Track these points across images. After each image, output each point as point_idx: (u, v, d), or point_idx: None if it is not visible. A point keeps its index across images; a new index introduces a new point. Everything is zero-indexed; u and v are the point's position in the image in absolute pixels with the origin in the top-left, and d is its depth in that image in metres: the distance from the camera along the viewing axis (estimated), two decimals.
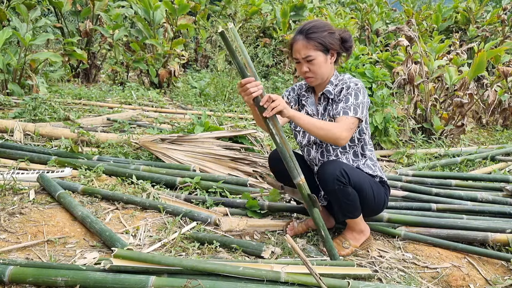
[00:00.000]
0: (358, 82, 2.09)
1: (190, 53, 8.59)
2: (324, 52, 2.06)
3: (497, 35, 9.14)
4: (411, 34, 4.53)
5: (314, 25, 2.06)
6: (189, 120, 4.48)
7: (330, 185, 2.00)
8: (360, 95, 2.04)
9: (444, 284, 2.01)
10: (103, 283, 1.65)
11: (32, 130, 3.60)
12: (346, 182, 2.00)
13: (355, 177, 2.02)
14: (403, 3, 12.08)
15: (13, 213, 2.25)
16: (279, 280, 1.75)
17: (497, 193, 2.98)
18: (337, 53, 2.11)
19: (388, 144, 4.24)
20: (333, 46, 2.06)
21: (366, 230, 2.24)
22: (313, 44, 2.03)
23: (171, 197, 2.62)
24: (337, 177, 1.98)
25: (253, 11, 8.73)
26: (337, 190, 2.00)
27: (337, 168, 2.00)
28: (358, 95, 2.04)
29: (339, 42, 2.09)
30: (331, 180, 1.99)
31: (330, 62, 2.11)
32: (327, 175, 2.01)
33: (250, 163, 3.19)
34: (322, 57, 2.06)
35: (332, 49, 2.07)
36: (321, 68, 2.08)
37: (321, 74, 2.10)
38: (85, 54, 6.21)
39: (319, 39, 2.03)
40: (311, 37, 2.03)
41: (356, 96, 2.03)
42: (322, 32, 2.04)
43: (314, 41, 2.03)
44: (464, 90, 4.63)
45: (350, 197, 2.03)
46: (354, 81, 2.09)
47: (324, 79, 2.14)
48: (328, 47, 2.05)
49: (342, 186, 1.99)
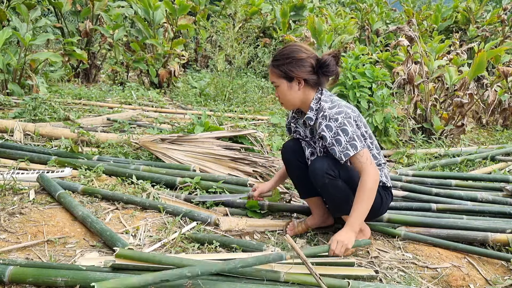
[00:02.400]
0: (337, 113, 2.00)
1: (190, 53, 8.59)
2: (287, 80, 2.07)
3: (497, 35, 9.14)
4: (411, 34, 4.53)
5: (281, 52, 2.10)
6: (189, 120, 4.47)
7: (320, 179, 2.03)
8: (348, 127, 1.98)
9: (444, 284, 2.01)
10: None
11: (32, 130, 3.60)
12: (336, 175, 2.03)
13: (343, 170, 2.05)
14: (403, 3, 12.08)
15: (13, 213, 2.25)
16: (279, 279, 1.76)
17: (497, 193, 2.98)
18: (305, 80, 2.06)
19: (388, 144, 4.24)
20: (295, 74, 2.04)
21: (366, 230, 2.23)
22: (276, 72, 2.08)
23: (171, 197, 2.62)
24: (326, 169, 2.01)
25: (253, 11, 8.73)
26: (328, 183, 2.03)
27: (325, 162, 2.04)
28: (346, 130, 1.97)
29: (310, 69, 2.05)
30: (321, 174, 2.02)
31: (298, 89, 2.07)
32: (317, 170, 2.04)
33: (250, 163, 3.19)
34: (285, 84, 2.07)
35: (296, 77, 2.05)
36: (286, 96, 2.10)
37: (288, 101, 2.12)
38: (85, 54, 6.20)
39: (280, 67, 2.06)
40: (273, 65, 2.09)
41: (344, 132, 1.97)
42: (285, 59, 2.05)
43: (277, 69, 2.07)
44: (464, 90, 4.63)
45: (341, 190, 2.06)
46: (331, 114, 2.00)
47: (296, 105, 2.14)
48: (289, 75, 2.05)
49: (332, 179, 2.02)
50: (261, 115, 5.17)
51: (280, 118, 4.74)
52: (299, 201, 2.72)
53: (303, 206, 2.54)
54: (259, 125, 4.64)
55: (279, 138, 4.17)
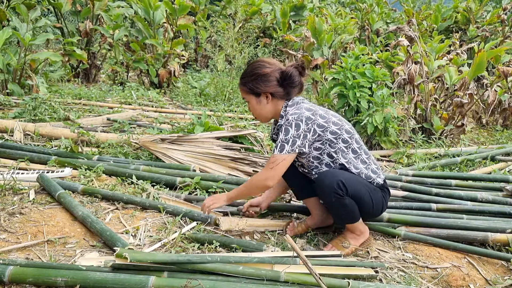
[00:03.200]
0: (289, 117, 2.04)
1: (190, 53, 8.59)
2: (255, 95, 2.14)
3: (497, 35, 9.14)
4: (411, 34, 4.53)
5: (246, 70, 2.19)
6: (189, 120, 4.47)
7: (327, 197, 2.04)
8: (291, 129, 2.02)
9: (444, 284, 2.01)
10: (103, 283, 1.65)
11: (32, 130, 3.60)
12: (344, 194, 2.00)
13: (352, 188, 2.02)
14: (403, 3, 12.08)
15: (13, 213, 2.25)
16: (279, 279, 1.76)
17: (497, 193, 2.98)
18: (271, 94, 2.11)
19: (388, 144, 4.24)
20: (261, 89, 2.11)
21: (366, 231, 2.24)
22: (244, 89, 2.17)
23: (171, 197, 2.62)
24: (334, 190, 1.99)
25: (253, 11, 8.73)
26: (335, 201, 2.02)
27: (334, 180, 2.00)
28: (288, 130, 2.02)
29: (275, 83, 2.10)
30: (328, 193, 2.01)
31: (267, 102, 2.14)
32: (324, 187, 2.03)
33: (250, 163, 3.19)
34: (254, 100, 2.15)
35: (262, 92, 2.11)
36: (256, 110, 2.18)
37: (259, 114, 2.19)
38: (85, 54, 6.20)
39: (247, 84, 2.14)
40: (241, 83, 2.18)
41: (285, 131, 2.03)
42: (249, 77, 2.13)
43: (244, 86, 2.16)
44: (464, 90, 4.63)
45: (348, 208, 2.05)
46: (291, 113, 2.06)
47: (269, 117, 2.21)
48: (255, 91, 2.12)
49: (339, 198, 2.01)
50: None
51: None
52: (299, 201, 2.72)
53: (303, 206, 2.54)
54: (259, 125, 4.64)
55: None
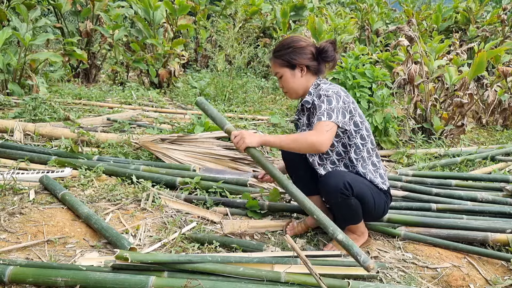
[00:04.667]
0: (330, 89, 2.06)
1: (190, 53, 8.58)
2: (290, 68, 2.14)
3: (497, 35, 9.13)
4: (411, 34, 4.53)
5: (281, 43, 2.18)
6: (189, 120, 4.47)
7: (333, 197, 2.03)
8: (334, 100, 2.02)
9: (444, 284, 2.01)
10: (103, 283, 1.65)
11: (32, 130, 3.60)
12: (350, 194, 2.01)
13: (358, 188, 2.03)
14: (403, 3, 12.07)
15: (13, 213, 2.25)
16: (279, 280, 1.76)
17: (497, 193, 2.98)
18: (307, 67, 2.13)
19: (388, 144, 4.24)
20: (298, 61, 2.12)
21: (366, 232, 2.25)
22: (278, 62, 2.15)
23: (171, 197, 2.62)
24: (341, 190, 1.99)
25: (253, 11, 8.73)
26: (340, 202, 2.03)
27: (340, 180, 2.01)
28: (331, 101, 2.02)
29: (310, 56, 2.12)
30: (335, 193, 2.01)
31: (301, 75, 2.14)
32: (330, 188, 2.03)
33: (250, 163, 3.19)
34: (288, 72, 2.15)
35: (298, 64, 2.12)
36: (289, 84, 2.16)
37: (292, 88, 2.17)
38: (85, 54, 6.20)
39: (282, 56, 2.13)
40: (275, 56, 2.17)
41: (328, 102, 2.02)
42: (286, 49, 2.13)
43: (279, 59, 2.15)
44: (464, 90, 4.63)
45: (353, 207, 2.06)
46: (326, 88, 2.08)
47: (300, 93, 2.19)
48: (292, 63, 2.12)
49: (345, 198, 2.01)
50: (261, 115, 5.17)
51: (280, 118, 4.74)
52: None
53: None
54: (259, 125, 4.64)
55: None
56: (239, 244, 2.09)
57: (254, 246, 2.08)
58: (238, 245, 2.09)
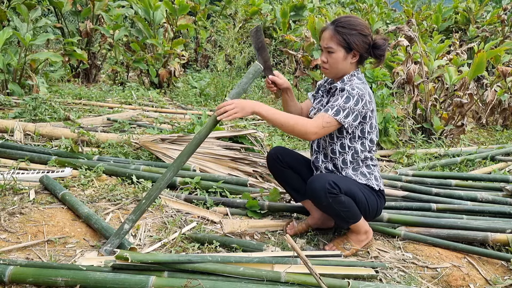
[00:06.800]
0: (357, 88, 2.01)
1: (190, 53, 8.58)
2: (346, 50, 2.05)
3: (497, 35, 9.13)
4: (411, 34, 4.53)
5: (349, 20, 2.07)
6: (189, 120, 4.47)
7: (323, 199, 1.99)
8: (352, 100, 1.98)
9: (444, 284, 2.02)
10: (103, 283, 1.65)
11: (32, 130, 3.60)
12: (338, 192, 1.98)
13: (344, 186, 2.01)
14: (403, 3, 12.08)
15: (13, 213, 2.25)
16: (280, 280, 1.76)
17: (497, 193, 2.98)
18: (360, 55, 2.08)
19: (388, 144, 4.24)
20: (357, 47, 2.05)
21: (370, 231, 2.22)
22: (338, 38, 2.04)
23: (171, 197, 2.62)
24: (328, 190, 1.96)
25: (253, 11, 8.73)
26: (332, 202, 1.99)
27: (324, 181, 1.98)
28: (349, 100, 1.99)
29: (367, 47, 2.07)
30: (323, 195, 1.97)
31: (351, 61, 2.09)
32: (317, 191, 1.99)
33: (250, 163, 3.19)
34: (342, 53, 2.06)
35: (355, 49, 2.05)
36: (337, 63, 2.08)
37: (336, 69, 2.10)
38: (85, 54, 6.20)
39: (345, 35, 2.03)
40: (338, 31, 2.04)
41: (346, 99, 1.99)
42: (351, 30, 2.04)
43: (340, 35, 2.04)
44: (464, 90, 4.63)
45: (346, 204, 2.02)
46: (355, 84, 2.04)
47: (338, 75, 2.13)
48: (351, 46, 2.04)
49: (335, 196, 1.98)
50: None
51: None
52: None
53: (303, 206, 2.54)
54: (259, 125, 4.64)
55: (279, 138, 4.17)
56: (239, 244, 2.09)
57: (254, 246, 2.08)
58: (238, 245, 2.09)
